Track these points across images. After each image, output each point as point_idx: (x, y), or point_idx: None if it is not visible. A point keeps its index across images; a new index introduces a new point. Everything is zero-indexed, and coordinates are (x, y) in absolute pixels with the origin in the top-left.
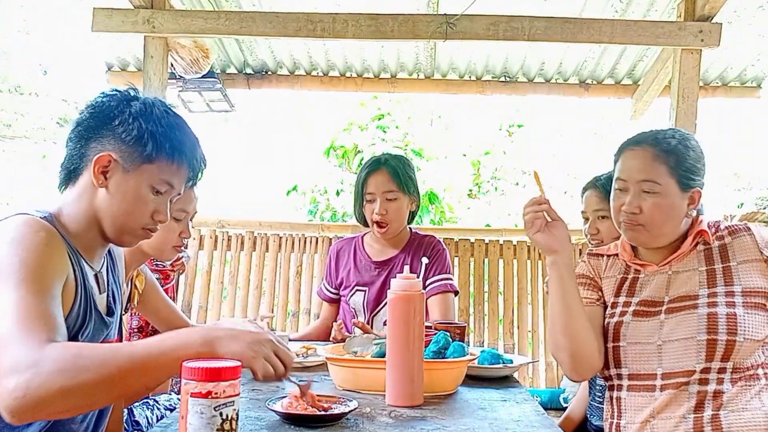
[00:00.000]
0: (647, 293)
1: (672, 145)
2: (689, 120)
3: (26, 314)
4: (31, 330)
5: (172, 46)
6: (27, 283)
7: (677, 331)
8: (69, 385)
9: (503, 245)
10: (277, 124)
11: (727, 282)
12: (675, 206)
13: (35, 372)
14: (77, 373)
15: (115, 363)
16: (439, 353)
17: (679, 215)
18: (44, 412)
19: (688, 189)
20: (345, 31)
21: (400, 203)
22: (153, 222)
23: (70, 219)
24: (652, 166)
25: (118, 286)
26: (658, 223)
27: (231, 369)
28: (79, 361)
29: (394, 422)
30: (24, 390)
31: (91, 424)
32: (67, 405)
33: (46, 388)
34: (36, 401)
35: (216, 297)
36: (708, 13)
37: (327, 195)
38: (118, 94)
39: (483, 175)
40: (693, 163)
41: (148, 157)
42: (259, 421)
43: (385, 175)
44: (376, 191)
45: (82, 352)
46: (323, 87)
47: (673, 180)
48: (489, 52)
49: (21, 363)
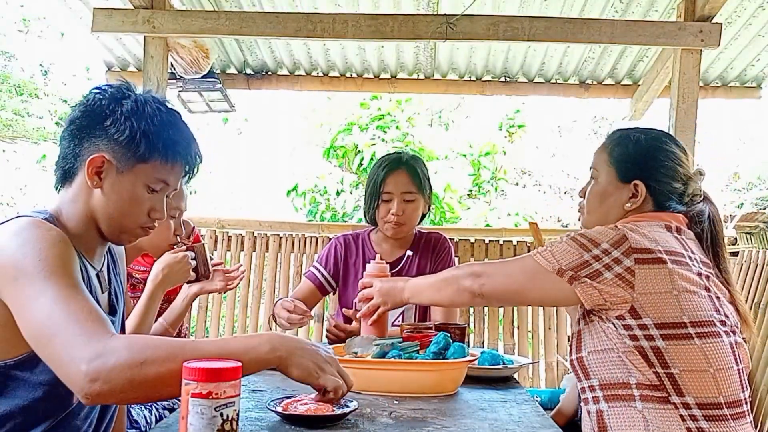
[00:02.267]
0: None
1: (616, 136)
2: (689, 120)
3: (72, 307)
4: (84, 320)
5: (172, 46)
6: (58, 278)
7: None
8: (137, 375)
9: (503, 245)
10: (276, 124)
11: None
12: (607, 193)
13: (103, 361)
14: (144, 364)
15: (183, 357)
16: (439, 354)
17: (610, 203)
18: (116, 398)
19: (628, 180)
20: (345, 31)
21: (417, 204)
22: (150, 220)
23: (68, 219)
24: (598, 155)
25: (120, 284)
26: (590, 207)
27: (231, 369)
28: (147, 353)
29: (394, 423)
30: (94, 376)
31: (94, 420)
32: (135, 393)
33: (115, 376)
34: (108, 386)
35: (216, 297)
36: (708, 13)
37: (327, 195)
38: (110, 91)
39: (483, 175)
40: (635, 155)
41: (142, 157)
42: (260, 422)
43: (405, 175)
44: (395, 191)
45: (149, 344)
46: (323, 87)
47: (612, 168)
48: (489, 52)
49: (86, 351)
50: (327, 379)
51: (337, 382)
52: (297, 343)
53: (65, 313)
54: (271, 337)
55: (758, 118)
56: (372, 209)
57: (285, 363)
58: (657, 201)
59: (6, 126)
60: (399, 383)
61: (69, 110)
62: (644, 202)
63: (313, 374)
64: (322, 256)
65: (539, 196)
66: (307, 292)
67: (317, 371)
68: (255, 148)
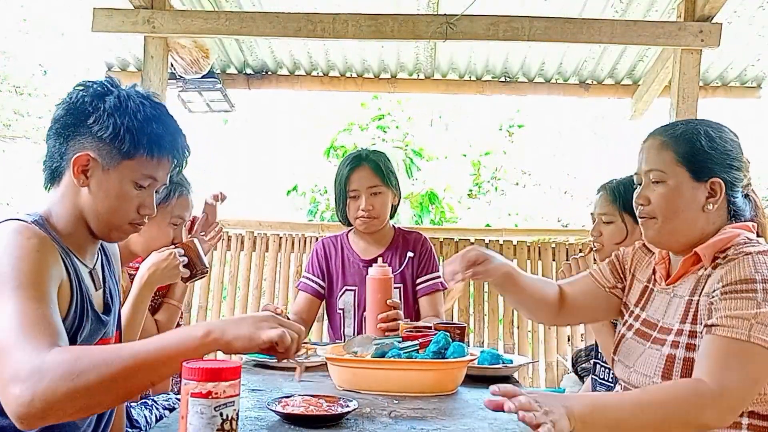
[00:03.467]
0: (651, 312)
1: (679, 131)
2: None
3: (26, 321)
4: (32, 337)
5: (172, 46)
6: (24, 290)
7: (646, 366)
8: (74, 388)
9: (503, 245)
10: (277, 124)
11: (694, 320)
12: (684, 195)
13: (39, 378)
14: (80, 374)
15: (119, 361)
16: (439, 353)
17: (691, 207)
18: (52, 417)
19: (704, 179)
20: (345, 31)
21: (384, 197)
22: (140, 216)
23: (58, 219)
24: (658, 154)
25: (115, 281)
26: (667, 214)
27: (231, 369)
28: (82, 364)
29: (394, 422)
30: (30, 396)
31: (93, 420)
32: (74, 407)
33: (51, 392)
34: (43, 406)
35: (216, 297)
36: (708, 13)
37: (327, 195)
38: (93, 87)
39: (483, 175)
40: (707, 150)
41: (127, 154)
42: (259, 422)
43: (368, 170)
44: (360, 187)
45: (83, 354)
46: (323, 87)
47: (682, 168)
48: (489, 52)
49: (23, 370)
50: (269, 333)
51: (280, 332)
52: (229, 320)
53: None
54: (205, 323)
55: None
56: (342, 208)
57: (223, 341)
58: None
59: (6, 126)
60: (399, 383)
61: (53, 108)
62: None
63: (253, 336)
64: (307, 265)
65: (539, 196)
66: (305, 303)
67: (255, 332)
68: (255, 148)
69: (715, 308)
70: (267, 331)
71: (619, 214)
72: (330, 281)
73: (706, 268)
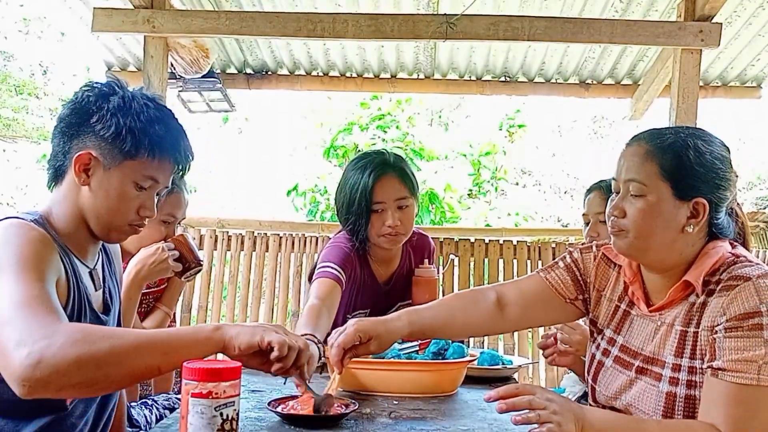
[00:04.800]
0: (630, 338)
1: (668, 142)
2: (689, 120)
3: (29, 296)
4: (37, 310)
5: (172, 46)
6: (26, 272)
7: (641, 401)
8: (85, 353)
9: (503, 245)
10: (277, 124)
11: (693, 354)
12: (664, 214)
13: (49, 342)
14: (94, 342)
15: (132, 338)
16: (438, 354)
17: (670, 226)
18: (55, 384)
19: (687, 198)
20: (345, 31)
21: (411, 210)
22: (139, 218)
23: (58, 219)
24: (641, 164)
25: (115, 281)
26: (642, 231)
27: (231, 369)
28: (96, 334)
29: (393, 422)
30: (38, 358)
31: (90, 419)
32: (80, 376)
33: (61, 356)
34: (49, 371)
35: (216, 297)
36: (708, 13)
37: (327, 195)
38: (98, 88)
39: (483, 175)
40: (695, 166)
41: (129, 154)
42: (260, 422)
43: (396, 180)
44: (387, 199)
45: (97, 327)
46: (323, 87)
47: (666, 183)
48: (489, 52)
49: (32, 335)
50: (271, 336)
51: (282, 338)
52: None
53: (20, 302)
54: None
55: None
56: (363, 225)
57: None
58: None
59: (6, 126)
60: (398, 383)
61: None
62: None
63: (255, 336)
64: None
65: (539, 196)
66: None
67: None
68: (255, 148)
69: (719, 347)
70: (272, 333)
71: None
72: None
73: (699, 296)
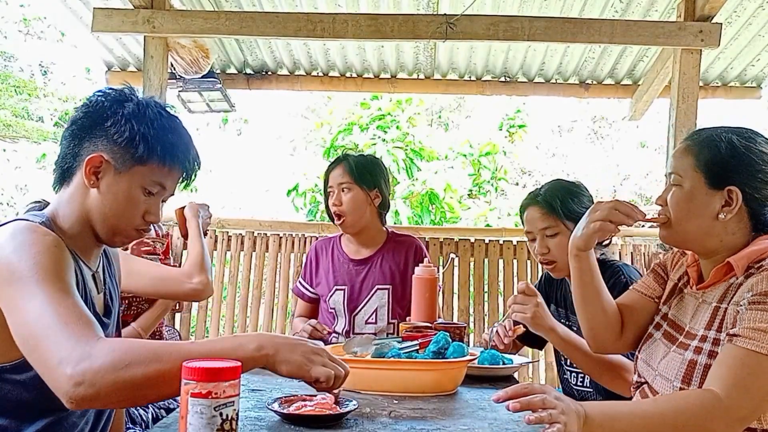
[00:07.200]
0: (677, 313)
1: (702, 136)
2: (689, 120)
3: (61, 311)
4: (71, 325)
5: (172, 46)
6: (49, 283)
7: (667, 368)
8: (121, 379)
9: (503, 245)
10: (277, 124)
11: (720, 327)
12: (696, 201)
13: (89, 364)
14: (127, 367)
15: (168, 360)
16: (439, 353)
17: (704, 213)
18: (99, 402)
19: (719, 186)
20: (345, 31)
21: (354, 195)
22: (145, 223)
23: (64, 220)
24: (681, 158)
25: (115, 284)
26: (678, 216)
27: (231, 369)
28: (130, 356)
29: (394, 422)
30: (80, 380)
31: (91, 418)
32: (119, 397)
33: (99, 379)
34: (93, 390)
35: (216, 297)
36: (708, 13)
37: None
38: (113, 93)
39: (483, 175)
40: (726, 158)
41: (140, 159)
42: (259, 422)
43: (342, 168)
44: (334, 183)
45: (132, 347)
46: (323, 87)
47: (699, 174)
48: (489, 52)
49: (73, 355)
50: (318, 371)
51: (328, 372)
52: (283, 340)
53: (54, 316)
54: (258, 336)
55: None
56: (325, 204)
57: (272, 360)
58: (752, 209)
59: (6, 126)
60: (398, 382)
61: (72, 111)
62: (740, 211)
63: (303, 368)
64: (302, 271)
65: None
66: (305, 308)
67: (306, 364)
68: (255, 148)
69: (740, 318)
70: (318, 367)
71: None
72: (320, 283)
73: (738, 278)
